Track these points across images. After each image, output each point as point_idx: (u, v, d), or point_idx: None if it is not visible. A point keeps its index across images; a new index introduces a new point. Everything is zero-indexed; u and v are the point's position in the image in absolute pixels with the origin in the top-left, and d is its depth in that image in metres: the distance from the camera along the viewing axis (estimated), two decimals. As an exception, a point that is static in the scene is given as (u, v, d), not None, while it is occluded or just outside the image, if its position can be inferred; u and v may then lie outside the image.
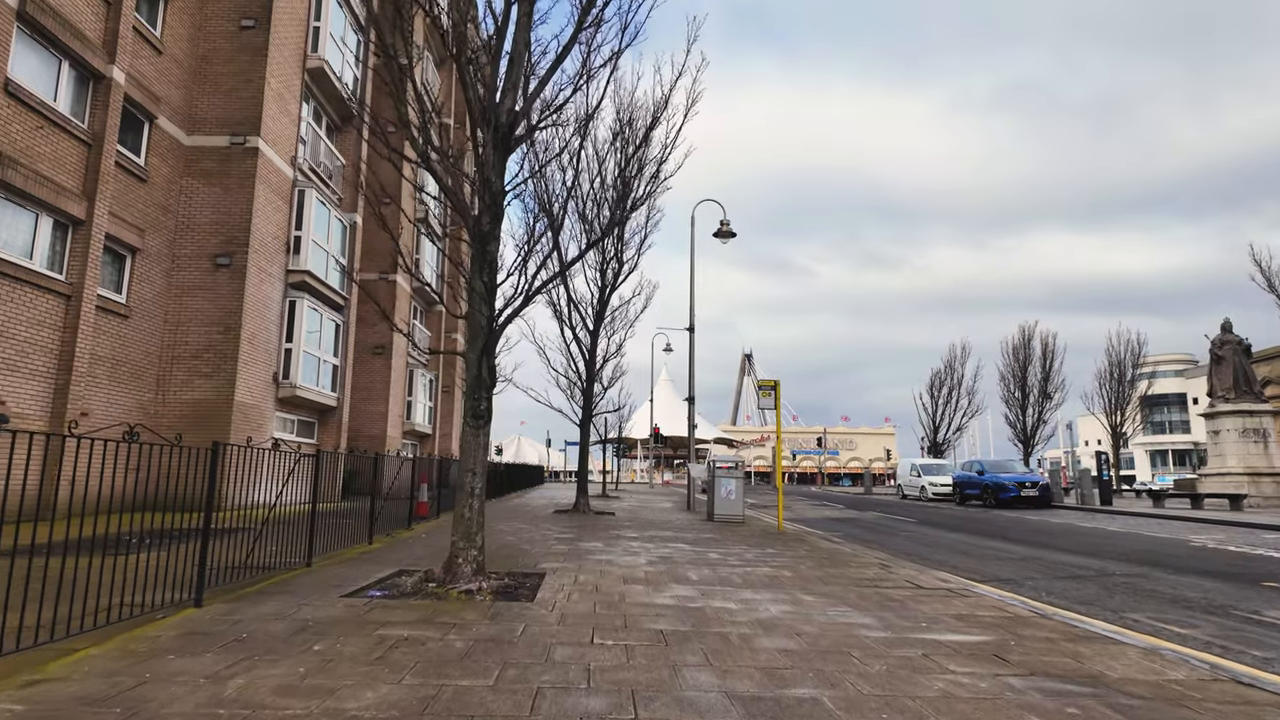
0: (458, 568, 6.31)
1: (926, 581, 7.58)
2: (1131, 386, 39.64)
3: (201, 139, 15.38)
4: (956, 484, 26.81)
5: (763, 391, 13.49)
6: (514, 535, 11.06)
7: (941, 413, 41.12)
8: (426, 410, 27.68)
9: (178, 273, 14.95)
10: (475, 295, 6.72)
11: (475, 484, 6.54)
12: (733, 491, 15.33)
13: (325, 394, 18.18)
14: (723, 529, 13.34)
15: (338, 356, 19.00)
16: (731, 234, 20.37)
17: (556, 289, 16.21)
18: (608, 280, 16.48)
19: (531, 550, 9.23)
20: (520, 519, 14.29)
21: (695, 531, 12.59)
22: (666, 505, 21.72)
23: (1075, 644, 4.94)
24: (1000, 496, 23.31)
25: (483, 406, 6.65)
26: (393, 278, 24.42)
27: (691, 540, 11.05)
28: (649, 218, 16.79)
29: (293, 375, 16.51)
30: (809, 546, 10.68)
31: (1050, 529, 15.85)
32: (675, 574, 7.53)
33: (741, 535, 12.14)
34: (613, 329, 16.60)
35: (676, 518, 16.10)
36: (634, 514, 16.87)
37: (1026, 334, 40.10)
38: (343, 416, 19.11)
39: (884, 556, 9.87)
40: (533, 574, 7.20)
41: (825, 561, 8.94)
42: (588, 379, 16.35)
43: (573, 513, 15.81)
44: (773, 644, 4.64)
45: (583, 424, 16.41)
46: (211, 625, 4.70)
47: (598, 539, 10.83)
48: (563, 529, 12.29)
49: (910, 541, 12.88)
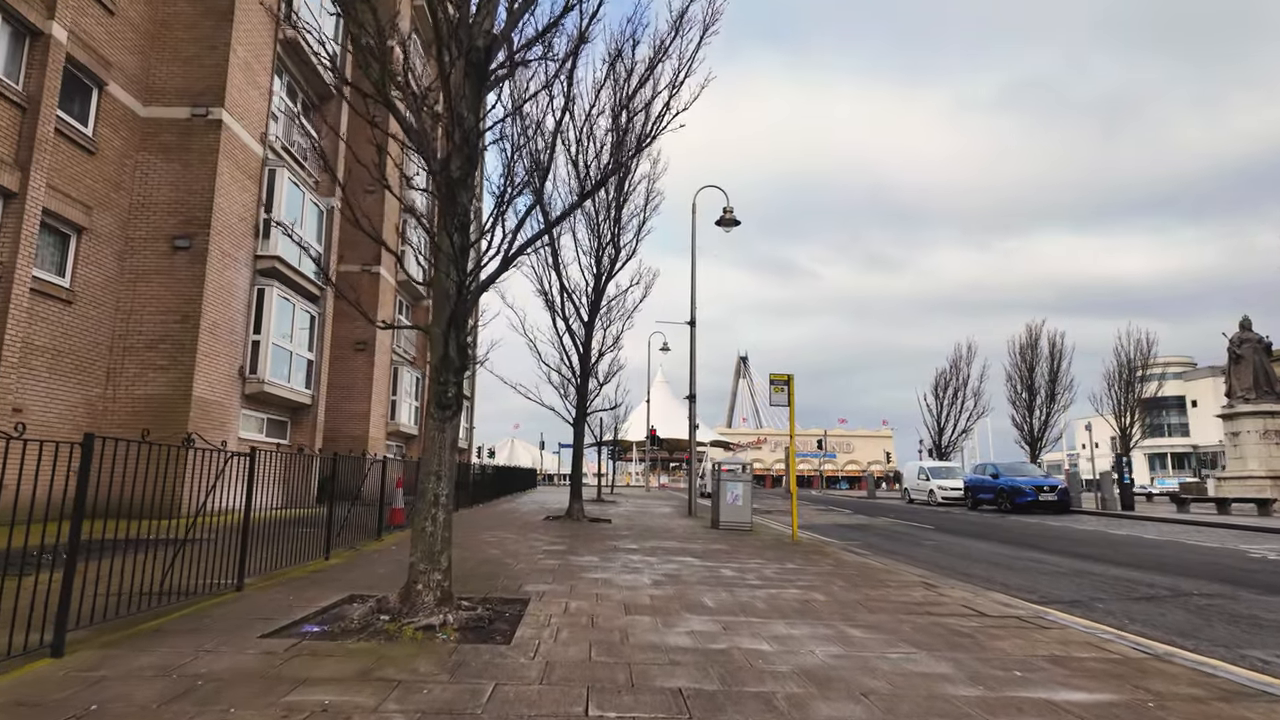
0: (417, 596, 5.02)
1: (987, 606, 6.31)
2: (1141, 387, 38.56)
3: (160, 110, 14.05)
4: (968, 488, 25.60)
5: (775, 387, 12.24)
6: (498, 547, 9.76)
7: (946, 414, 39.96)
8: (413, 410, 26.34)
9: (131, 255, 13.60)
10: (443, 256, 5.44)
11: (441, 490, 5.25)
12: (739, 497, 14.06)
13: (298, 391, 16.84)
14: (731, 538, 12.07)
15: (313, 351, 17.67)
16: (735, 222, 19.15)
17: (548, 275, 14.94)
18: (603, 268, 15.22)
19: (515, 566, 7.93)
20: (507, 527, 12.98)
21: (702, 541, 11.31)
22: (666, 510, 20.43)
23: (1233, 705, 3.68)
24: (1017, 501, 22.11)
25: (450, 394, 5.36)
26: (376, 269, 23.12)
27: (699, 552, 9.76)
28: (648, 200, 15.55)
29: (261, 369, 15.18)
30: (833, 560, 9.41)
31: (1084, 537, 14.62)
32: (687, 599, 6.24)
33: (753, 546, 10.87)
34: (609, 320, 15.36)
35: (678, 525, 14.82)
36: (632, 521, 15.58)
37: (1034, 333, 39.01)
38: (318, 415, 17.77)
39: (921, 572, 8.60)
40: (514, 600, 5.91)
41: (858, 579, 7.67)
42: (582, 374, 15.06)
43: (565, 520, 14.51)
44: (837, 712, 3.36)
45: (576, 423, 15.12)
46: (57, 688, 3.39)
47: (593, 552, 9.53)
48: (554, 539, 10.99)
49: (938, 552, 11.63)
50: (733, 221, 19.20)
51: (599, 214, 15.10)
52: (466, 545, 9.78)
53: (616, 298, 15.51)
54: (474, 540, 10.47)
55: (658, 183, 15.69)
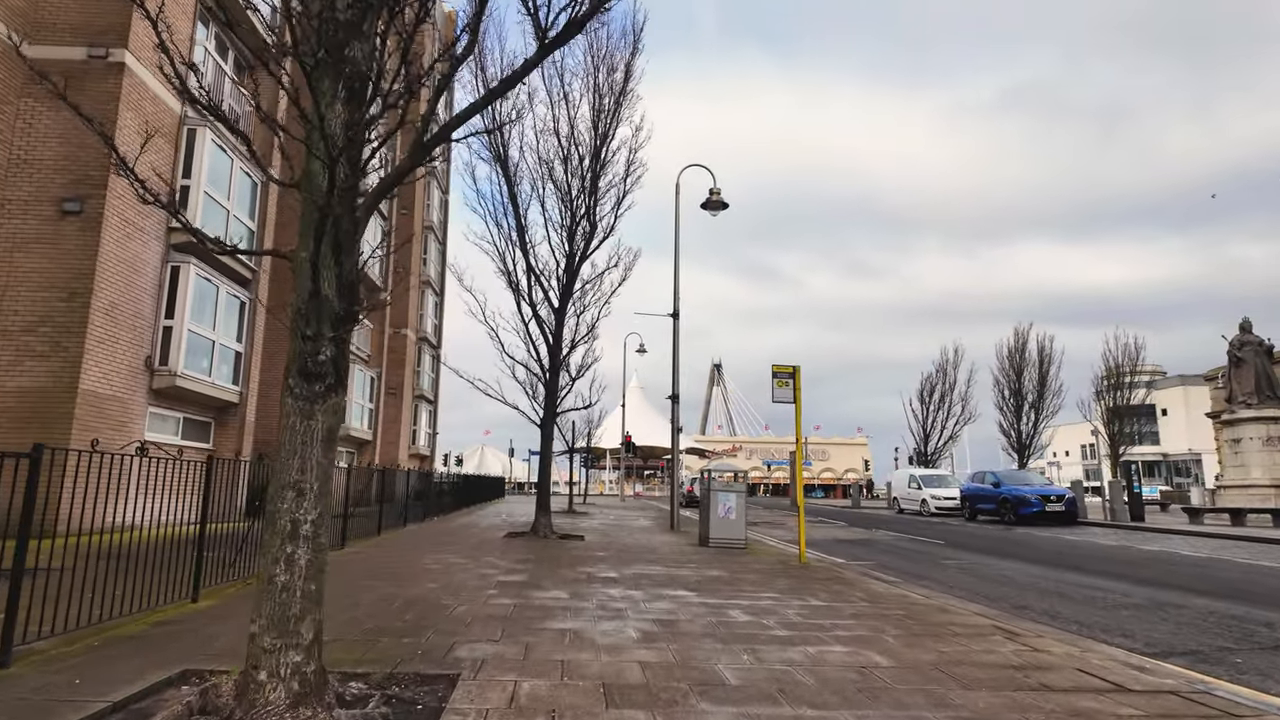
0: (258, 690, 3.00)
1: (1114, 671, 4.46)
2: (1130, 393, 37.52)
3: (48, 49, 11.80)
4: (966, 497, 23.99)
5: (779, 381, 10.36)
6: (439, 577, 7.70)
7: (933, 420, 38.56)
8: (365, 413, 24.05)
9: (9, 220, 11.32)
10: (314, 138, 3.45)
11: (303, 514, 3.23)
12: (732, 510, 12.16)
13: (223, 387, 14.58)
14: (726, 559, 10.13)
15: (242, 342, 15.41)
16: (722, 204, 17.35)
17: (511, 251, 12.92)
18: (577, 246, 13.25)
19: (454, 610, 5.89)
20: (457, 547, 10.90)
21: (694, 565, 9.35)
22: (645, 524, 18.44)
23: None
24: (1021, 512, 20.51)
25: (323, 356, 3.37)
26: (325, 256, 20.83)
27: (694, 582, 7.80)
28: (629, 170, 13.62)
29: (174, 360, 12.92)
30: (862, 592, 7.51)
31: (1118, 554, 12.96)
32: (696, 669, 4.28)
33: (757, 571, 8.94)
34: (583, 306, 13.37)
35: (661, 542, 12.86)
36: (608, 537, 13.57)
37: (1021, 336, 37.82)
38: (246, 415, 15.49)
39: (979, 609, 6.75)
40: (433, 679, 3.88)
41: (912, 625, 5.78)
42: (551, 368, 13.05)
43: (530, 537, 12.47)
44: None
45: (544, 424, 13.09)
46: None
47: (560, 583, 7.52)
48: (513, 564, 8.96)
49: (970, 575, 9.82)
50: (720, 204, 17.40)
51: (572, 182, 13.15)
52: (399, 574, 7.72)
53: (592, 281, 13.55)
54: (411, 567, 8.40)
55: (640, 152, 13.80)
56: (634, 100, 13.34)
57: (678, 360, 17.30)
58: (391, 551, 9.84)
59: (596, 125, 13.34)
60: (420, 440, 32.22)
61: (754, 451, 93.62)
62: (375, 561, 8.78)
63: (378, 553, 9.64)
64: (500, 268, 12.89)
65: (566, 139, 13.41)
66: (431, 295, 33.51)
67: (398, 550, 10.04)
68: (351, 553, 9.52)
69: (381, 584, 7.03)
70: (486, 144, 13.20)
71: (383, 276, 25.40)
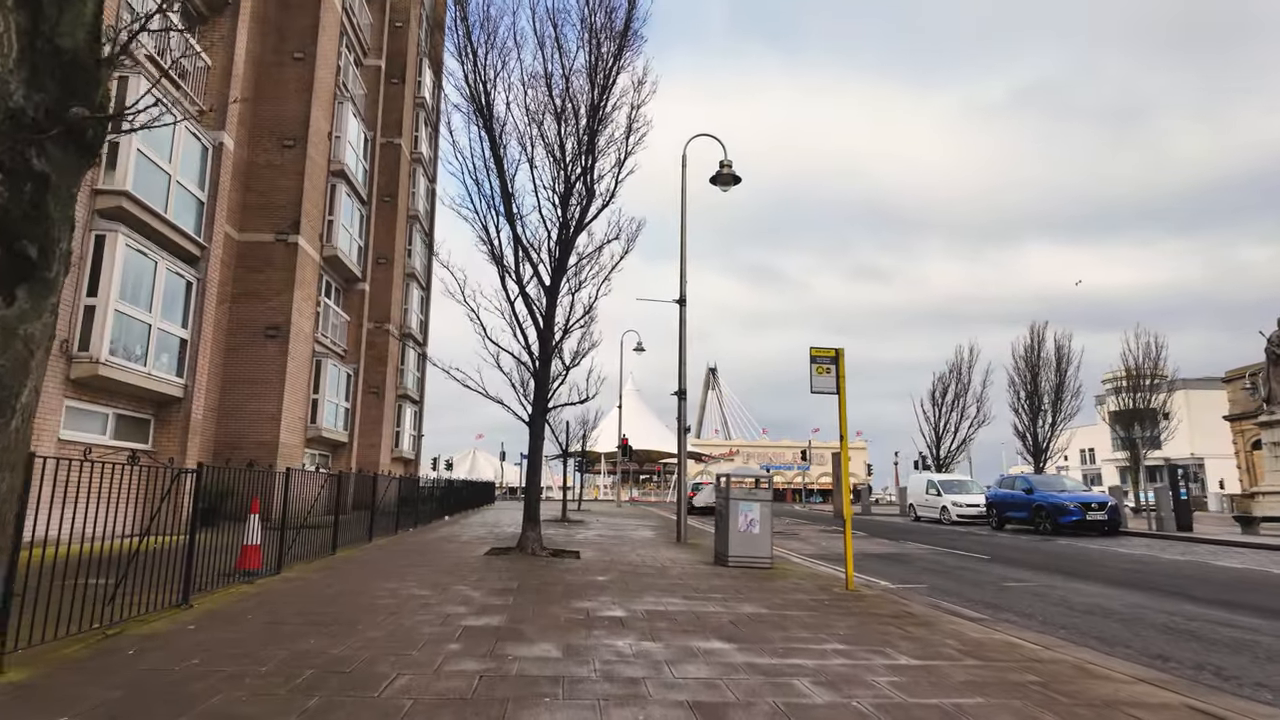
0: None
1: None
2: (1150, 395, 35.78)
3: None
4: (992, 504, 22.14)
5: (818, 367, 8.48)
6: (383, 624, 5.76)
7: (945, 422, 36.70)
8: (341, 413, 22.05)
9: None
10: None
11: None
12: (756, 522, 10.26)
13: (162, 378, 12.61)
14: (755, 585, 8.24)
15: (188, 327, 13.44)
16: (734, 178, 15.55)
17: (493, 217, 11.00)
18: (571, 214, 11.35)
19: (385, 689, 3.96)
20: (426, 569, 8.97)
21: (720, 596, 7.44)
22: (647, 534, 16.52)
23: None
24: (1061, 521, 18.68)
25: None
26: (294, 239, 18.93)
27: (728, 625, 5.90)
28: (631, 127, 11.72)
29: (97, 346, 10.97)
30: (954, 639, 5.62)
31: (1206, 575, 11.13)
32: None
33: (800, 603, 7.05)
34: (578, 282, 11.44)
35: (669, 559, 10.95)
36: (607, 553, 11.65)
37: (1038, 334, 36.02)
38: (192, 412, 13.51)
39: (1131, 670, 4.86)
40: None
41: (1061, 702, 3.90)
42: (541, 355, 11.13)
43: (515, 554, 10.54)
44: None
45: (533, 421, 11.16)
46: None
47: (548, 630, 5.61)
48: (489, 596, 7.04)
49: (1052, 604, 7.95)
50: (731, 178, 15.58)
51: (566, 139, 11.24)
52: (337, 614, 5.78)
53: (589, 255, 11.63)
54: (357, 601, 6.47)
55: (644, 108, 11.90)
56: (638, 44, 11.47)
57: (684, 352, 15.42)
58: (342, 577, 7.91)
59: (594, 75, 11.47)
60: (404, 443, 30.22)
61: (751, 455, 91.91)
62: (313, 593, 6.85)
63: (323, 580, 7.70)
64: (481, 237, 10.97)
65: (560, 95, 11.54)
66: (417, 289, 31.55)
67: (351, 575, 8.11)
68: (289, 579, 7.58)
69: (305, 633, 5.12)
70: (467, 95, 11.31)
71: (360, 264, 23.45)
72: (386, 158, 27.79)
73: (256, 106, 19.72)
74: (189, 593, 5.82)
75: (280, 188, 19.27)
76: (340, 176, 21.42)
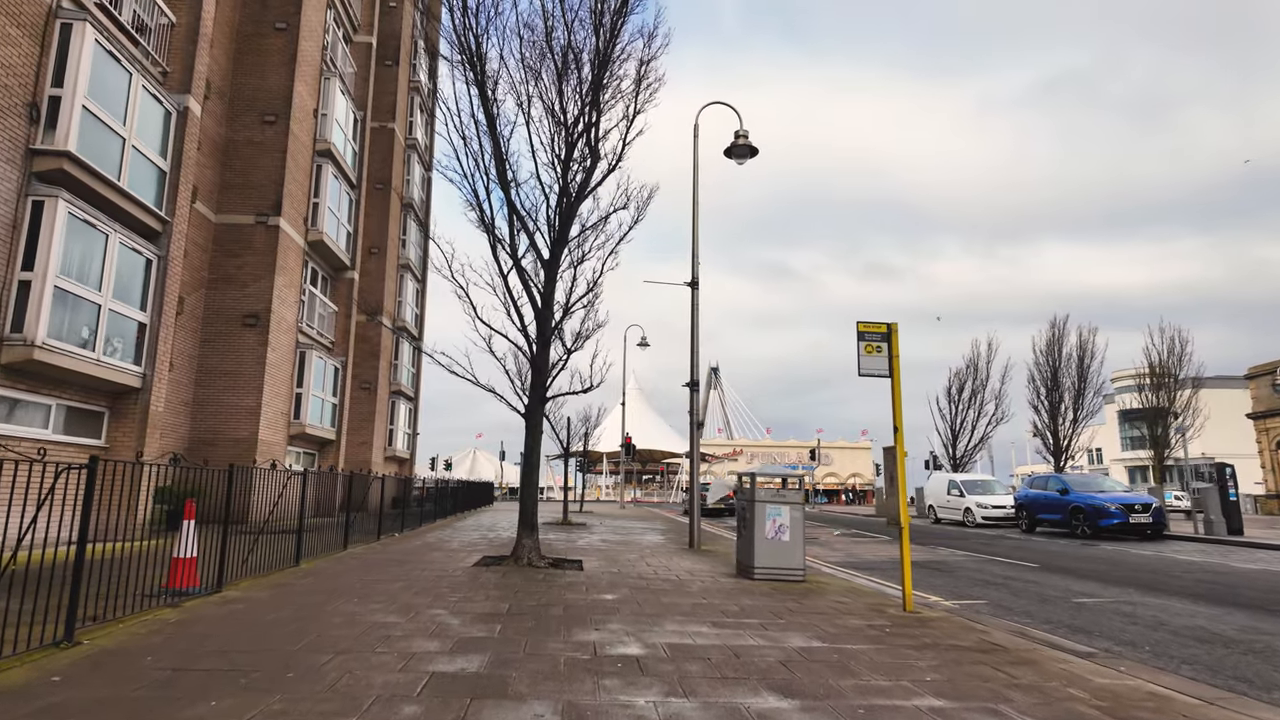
0: None
1: None
2: (1175, 392, 34.33)
3: None
4: (1022, 506, 20.72)
5: (868, 345, 7.10)
6: (328, 670, 4.39)
7: (962, 420, 35.21)
8: (328, 408, 20.69)
9: None
10: None
11: None
12: (786, 528, 8.89)
13: (115, 366, 11.26)
14: (794, 606, 6.87)
15: (147, 310, 12.09)
16: (751, 149, 14.25)
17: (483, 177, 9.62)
18: (573, 178, 9.98)
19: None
20: (400, 584, 7.60)
21: (757, 623, 6.06)
22: (655, 539, 15.16)
23: None
24: (1101, 524, 17.28)
25: None
26: (275, 222, 17.59)
27: (778, 668, 4.53)
28: (640, 80, 10.34)
29: (32, 327, 9.62)
30: (1079, 687, 4.25)
31: None
32: None
33: (857, 631, 5.67)
34: (581, 253, 10.07)
35: (686, 570, 9.58)
36: (614, 562, 10.28)
37: (1058, 329, 34.57)
38: (151, 403, 12.15)
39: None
40: None
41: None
42: (539, 338, 9.76)
43: (508, 565, 9.17)
44: None
45: (530, 412, 9.78)
46: None
47: (543, 680, 4.23)
48: (470, 625, 5.67)
49: (1147, 628, 6.58)
50: (748, 149, 14.25)
51: (567, 93, 9.85)
52: (272, 650, 4.40)
53: (595, 225, 10.24)
54: (302, 632, 5.09)
55: (655, 62, 10.53)
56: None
57: (696, 338, 14.06)
58: (294, 598, 6.54)
59: (599, 20, 10.10)
60: (398, 441, 28.85)
61: (755, 455, 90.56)
62: (250, 622, 5.48)
63: (270, 601, 6.33)
64: (469, 201, 9.58)
65: (561, 46, 10.17)
66: (412, 281, 30.20)
67: (307, 594, 6.75)
68: (228, 601, 6.21)
69: (210, 688, 3.76)
70: (456, 45, 9.94)
71: (349, 251, 22.10)
72: (379, 143, 26.45)
73: (235, 79, 18.40)
74: (73, 627, 4.44)
75: (260, 166, 17.94)
76: (327, 157, 20.06)
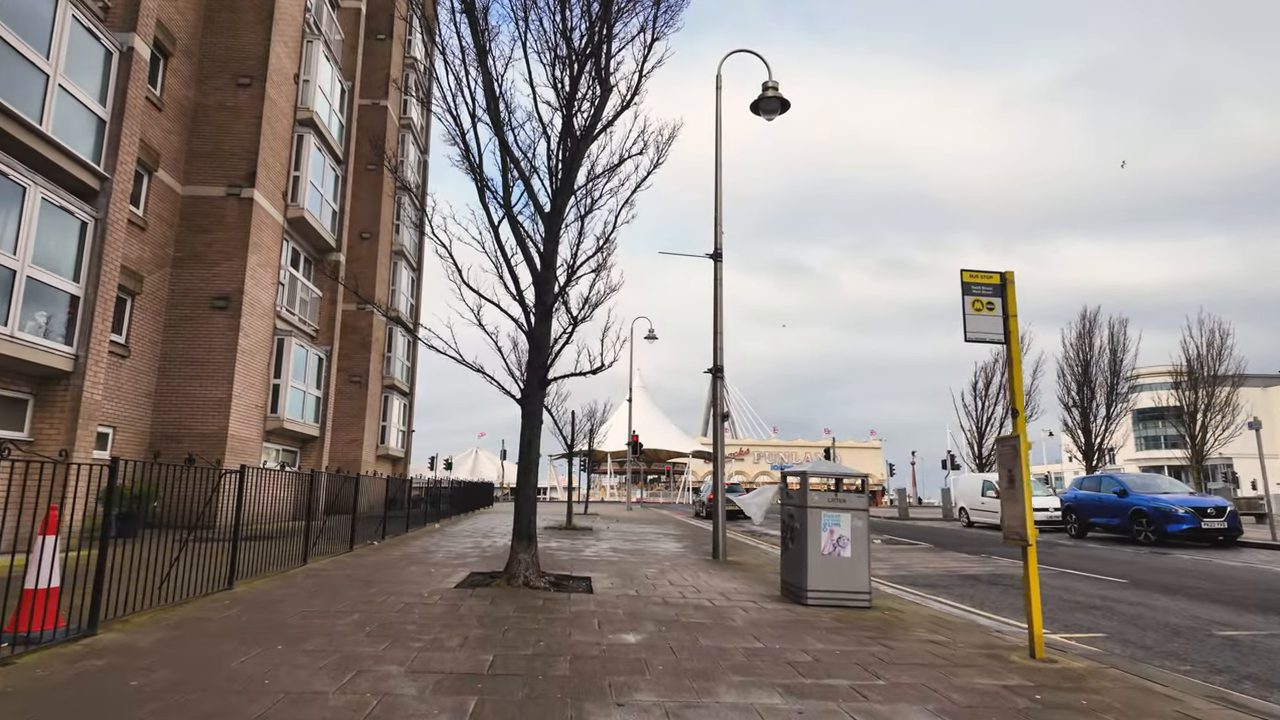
0: None
1: None
2: (1215, 389, 32.42)
3: None
4: (1071, 509, 18.88)
5: (975, 301, 5.33)
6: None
7: (989, 417, 33.31)
8: (311, 402, 18.94)
9: None
10: None
11: None
12: (846, 543, 7.10)
13: (38, 345, 9.51)
14: (880, 649, 5.08)
15: (80, 282, 10.34)
16: (782, 102, 12.51)
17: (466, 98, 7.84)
18: (580, 113, 8.20)
19: None
20: (352, 621, 5.82)
21: (848, 684, 4.26)
22: (672, 547, 13.36)
23: None
24: (1168, 530, 15.45)
25: None
26: (249, 193, 15.86)
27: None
28: (659, 3, 8.57)
29: (-79, 294, 7.87)
30: None
31: None
32: None
33: (1000, 703, 3.87)
34: (588, 203, 8.28)
35: (717, 590, 7.79)
36: (629, 580, 8.49)
37: (1088, 321, 32.66)
38: (85, 390, 10.38)
39: None
40: None
41: None
42: (538, 306, 7.99)
43: (501, 586, 7.38)
44: None
45: (527, 397, 7.99)
46: None
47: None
48: (432, 698, 3.88)
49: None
50: (778, 102, 12.49)
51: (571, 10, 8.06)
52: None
53: (603, 174, 8.45)
54: (178, 707, 3.31)
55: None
56: None
57: (719, 318, 12.27)
58: (192, 644, 4.75)
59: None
60: (391, 439, 27.12)
61: (762, 455, 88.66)
62: (102, 692, 3.71)
63: (154, 651, 4.55)
64: (453, 133, 7.78)
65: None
66: (406, 269, 28.48)
67: (220, 635, 4.97)
68: (93, 649, 4.44)
69: None
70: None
71: (335, 231, 20.34)
72: (371, 121, 24.69)
73: (205, 37, 16.67)
74: None
75: (233, 132, 16.21)
76: (309, 126, 18.33)
